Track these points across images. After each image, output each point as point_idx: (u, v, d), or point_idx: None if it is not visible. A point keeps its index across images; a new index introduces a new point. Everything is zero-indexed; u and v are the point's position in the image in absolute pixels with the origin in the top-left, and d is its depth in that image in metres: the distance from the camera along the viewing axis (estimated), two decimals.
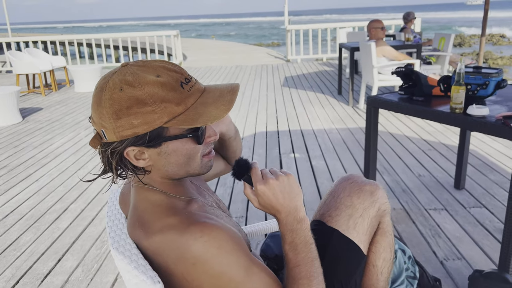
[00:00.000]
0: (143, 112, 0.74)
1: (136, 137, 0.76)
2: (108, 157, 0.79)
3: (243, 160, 0.85)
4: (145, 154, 0.80)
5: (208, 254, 0.73)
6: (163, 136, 0.78)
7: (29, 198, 2.98)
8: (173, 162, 0.81)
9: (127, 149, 0.78)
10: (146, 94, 0.74)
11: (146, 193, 0.85)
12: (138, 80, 0.75)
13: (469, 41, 19.11)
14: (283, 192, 0.81)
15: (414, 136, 3.98)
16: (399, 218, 2.46)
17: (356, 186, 1.07)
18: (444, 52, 5.54)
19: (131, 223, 0.84)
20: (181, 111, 0.76)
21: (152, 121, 0.75)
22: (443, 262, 2.02)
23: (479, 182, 2.88)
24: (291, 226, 0.82)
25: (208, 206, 0.89)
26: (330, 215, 1.05)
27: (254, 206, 0.84)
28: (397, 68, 2.24)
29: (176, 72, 0.79)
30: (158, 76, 0.76)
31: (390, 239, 1.08)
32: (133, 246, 0.78)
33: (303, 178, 3.11)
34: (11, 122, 5.21)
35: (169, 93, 0.75)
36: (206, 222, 0.77)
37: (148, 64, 0.79)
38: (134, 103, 0.74)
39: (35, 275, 2.06)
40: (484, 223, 2.36)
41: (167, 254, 0.76)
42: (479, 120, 1.74)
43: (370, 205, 1.04)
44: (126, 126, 0.75)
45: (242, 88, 6.98)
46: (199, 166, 0.85)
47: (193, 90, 0.79)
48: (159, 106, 0.74)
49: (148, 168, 0.83)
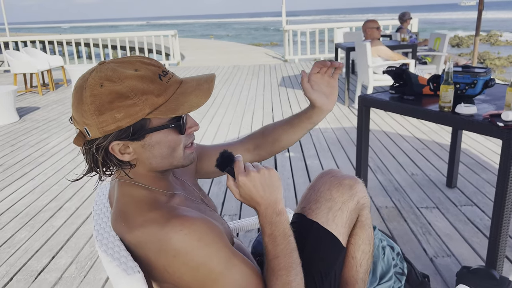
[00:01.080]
0: (125, 105, 0.76)
1: (120, 130, 0.78)
2: (93, 154, 0.80)
3: (228, 152, 0.87)
4: (129, 148, 0.82)
5: (188, 246, 0.75)
6: (146, 128, 0.80)
7: (24, 196, 2.99)
8: (157, 154, 0.84)
9: (112, 144, 0.79)
10: (126, 87, 0.76)
11: (129, 187, 0.87)
12: (117, 75, 0.77)
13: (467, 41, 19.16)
14: (263, 184, 0.83)
15: (408, 135, 4.01)
16: (391, 216, 2.48)
17: (336, 180, 1.09)
18: (439, 52, 5.57)
19: (114, 217, 0.86)
20: (162, 101, 0.78)
21: (135, 114, 0.77)
22: (432, 259, 2.04)
23: (471, 181, 2.91)
24: (270, 218, 0.84)
25: (191, 201, 0.91)
26: (310, 208, 1.08)
27: (235, 197, 0.86)
28: (388, 67, 2.26)
29: (154, 66, 0.81)
30: (136, 70, 0.78)
31: (369, 232, 1.10)
32: (116, 239, 0.80)
33: (297, 177, 3.13)
34: (8, 121, 5.23)
35: (149, 85, 0.78)
36: (187, 215, 0.79)
37: (125, 60, 0.81)
38: (116, 98, 0.76)
39: (29, 272, 2.08)
40: (474, 221, 2.39)
41: (148, 247, 0.78)
42: (467, 118, 1.77)
43: (349, 198, 1.07)
44: (109, 121, 0.77)
45: (239, 88, 7.01)
46: (182, 157, 0.87)
47: (171, 81, 0.81)
48: (140, 99, 0.77)
49: (133, 161, 0.85)
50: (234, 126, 4.65)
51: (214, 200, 2.80)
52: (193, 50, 14.59)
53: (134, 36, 10.35)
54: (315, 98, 1.07)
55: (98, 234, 0.82)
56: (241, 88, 6.93)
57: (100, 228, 0.85)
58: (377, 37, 4.97)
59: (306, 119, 1.12)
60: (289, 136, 1.14)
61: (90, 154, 0.81)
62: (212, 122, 4.86)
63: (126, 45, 10.13)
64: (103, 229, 0.84)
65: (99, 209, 0.93)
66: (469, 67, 1.99)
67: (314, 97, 1.07)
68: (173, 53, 10.37)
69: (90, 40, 10.41)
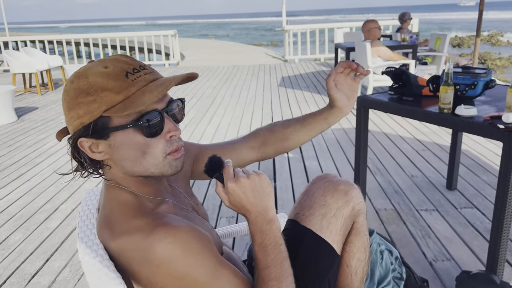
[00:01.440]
0: (86, 102, 0.77)
1: (84, 127, 0.78)
2: (70, 149, 0.82)
3: (217, 157, 0.84)
4: (99, 147, 0.81)
5: (172, 255, 0.72)
6: (107, 127, 0.78)
7: (20, 198, 2.97)
8: (125, 157, 0.81)
9: (79, 140, 0.80)
10: (88, 84, 0.77)
11: (115, 191, 0.84)
12: (86, 72, 0.78)
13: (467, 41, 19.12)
14: (254, 191, 0.80)
15: (408, 136, 3.98)
16: (390, 219, 2.45)
17: (331, 185, 1.06)
18: (440, 53, 5.54)
19: (99, 223, 0.83)
20: (120, 99, 0.76)
21: (94, 110, 0.77)
22: (432, 262, 2.01)
23: (471, 183, 2.88)
24: (260, 226, 0.81)
25: (180, 208, 0.88)
26: (303, 214, 1.04)
27: (225, 205, 0.83)
28: (387, 68, 2.23)
29: (125, 63, 0.80)
30: (105, 67, 0.78)
31: (365, 239, 1.07)
32: (100, 247, 0.77)
33: (296, 179, 3.10)
34: (6, 122, 5.20)
35: (110, 82, 0.77)
36: (171, 223, 0.76)
37: (105, 58, 0.82)
38: (79, 94, 0.77)
39: (23, 275, 2.05)
40: (474, 224, 2.35)
41: (132, 256, 0.75)
42: (467, 120, 1.73)
43: (344, 204, 1.03)
44: (74, 117, 0.78)
45: (238, 88, 6.98)
46: (160, 163, 0.82)
47: (138, 79, 0.78)
48: (99, 95, 0.76)
49: (106, 162, 0.84)
50: (233, 127, 4.62)
51: (211, 202, 2.77)
52: (193, 50, 14.56)
53: (133, 36, 10.32)
54: (338, 98, 1.04)
55: (82, 242, 0.79)
56: (241, 89, 6.90)
57: (84, 236, 0.81)
58: (377, 37, 4.94)
59: (322, 120, 1.08)
60: (300, 136, 1.10)
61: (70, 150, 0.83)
62: (211, 122, 4.83)
63: (126, 45, 10.10)
64: (87, 236, 0.81)
65: (85, 215, 0.89)
66: (469, 68, 1.96)
67: (338, 96, 1.04)
68: (173, 53, 10.34)
69: (90, 40, 10.40)
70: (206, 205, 2.67)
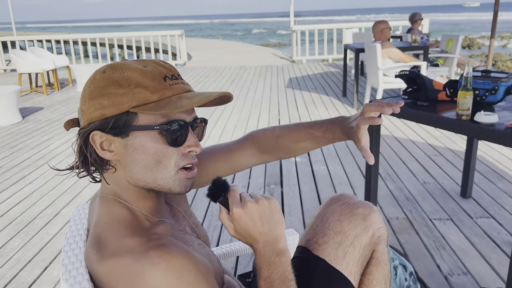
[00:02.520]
0: (115, 93, 0.72)
1: (104, 119, 0.72)
2: (77, 141, 0.76)
3: (221, 180, 0.76)
4: (112, 145, 0.74)
5: (165, 283, 0.64)
6: (130, 124, 0.72)
7: (21, 201, 2.90)
8: (139, 161, 0.74)
9: (93, 133, 0.73)
10: (123, 76, 0.73)
11: (110, 204, 0.76)
12: (122, 66, 0.74)
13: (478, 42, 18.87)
14: (262, 218, 0.71)
15: (420, 141, 3.86)
16: (401, 228, 2.35)
17: (347, 209, 0.95)
18: (452, 54, 5.40)
19: (88, 243, 0.75)
20: (154, 99, 0.72)
21: (121, 104, 0.71)
22: (447, 277, 1.91)
23: (487, 191, 2.76)
24: (268, 258, 0.71)
25: (178, 230, 0.79)
26: (316, 242, 0.93)
27: (229, 233, 0.74)
28: (401, 71, 2.13)
29: (164, 67, 0.76)
30: (144, 66, 0.75)
31: (385, 270, 0.96)
32: (85, 278, 0.68)
33: (303, 184, 3.01)
34: (10, 122, 5.16)
35: (147, 80, 0.73)
36: (167, 247, 0.67)
37: (144, 59, 0.79)
38: (109, 84, 0.72)
39: (20, 284, 1.98)
40: (491, 234, 2.24)
41: (120, 281, 0.67)
42: (487, 128, 1.63)
43: (362, 231, 0.93)
44: (96, 107, 0.73)
45: (245, 89, 6.89)
46: (171, 178, 0.75)
47: (175, 86, 0.75)
48: (132, 90, 0.72)
49: (113, 163, 0.76)
50: (239, 129, 4.53)
51: (216, 210, 2.68)
52: (200, 50, 14.50)
53: (140, 35, 10.28)
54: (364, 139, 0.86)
55: (66, 271, 0.70)
56: (247, 90, 6.81)
57: (69, 263, 0.73)
58: (387, 38, 4.83)
59: (329, 141, 0.95)
60: (305, 150, 1.00)
61: (76, 143, 0.76)
62: (217, 124, 4.74)
63: (133, 45, 10.05)
64: (71, 264, 0.72)
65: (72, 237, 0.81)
66: (489, 72, 1.85)
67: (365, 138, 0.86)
68: (179, 53, 10.28)
69: (97, 39, 10.37)
70: (207, 222, 2.56)
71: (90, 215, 0.88)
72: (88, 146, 0.75)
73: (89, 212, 0.89)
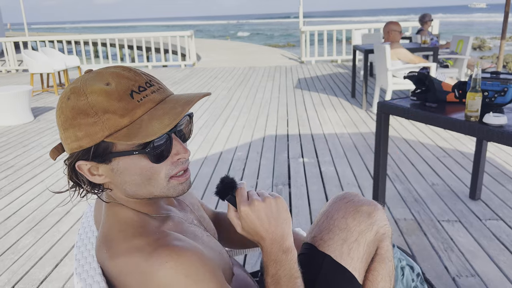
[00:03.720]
0: (86, 123, 0.69)
1: (83, 150, 0.71)
2: (67, 171, 0.75)
3: (229, 178, 0.77)
4: (99, 170, 0.73)
5: (174, 282, 0.66)
6: (110, 152, 0.71)
7: (33, 199, 2.95)
8: (128, 181, 0.73)
9: (78, 163, 0.72)
10: (88, 104, 0.69)
11: (116, 208, 0.78)
12: (84, 89, 0.70)
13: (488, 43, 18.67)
14: (269, 216, 0.73)
15: (429, 142, 3.84)
16: (409, 230, 2.35)
17: (352, 206, 0.97)
18: (461, 55, 5.37)
19: (98, 243, 0.77)
20: (125, 123, 0.68)
21: (94, 134, 0.69)
22: (455, 278, 1.90)
23: (496, 193, 2.74)
24: (275, 256, 0.73)
25: (187, 224, 0.81)
26: (322, 238, 0.95)
27: (237, 231, 0.75)
28: (409, 72, 2.13)
29: (129, 80, 0.71)
30: (107, 84, 0.70)
31: (390, 266, 0.97)
32: (97, 272, 0.70)
33: (311, 184, 3.01)
34: (23, 121, 5.23)
35: (114, 103, 0.68)
36: (176, 245, 0.69)
37: (104, 71, 0.73)
38: (77, 114, 0.69)
39: (31, 280, 2.02)
40: (500, 237, 2.23)
41: (129, 279, 0.68)
42: (496, 129, 1.63)
43: (367, 228, 0.94)
44: (72, 138, 0.71)
45: (253, 90, 6.91)
46: (164, 188, 0.75)
47: (145, 100, 0.70)
48: (101, 118, 0.68)
49: (106, 185, 0.76)
50: (247, 130, 4.55)
51: (224, 209, 2.70)
52: (209, 51, 14.55)
53: (150, 36, 10.35)
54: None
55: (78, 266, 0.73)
56: (256, 91, 6.83)
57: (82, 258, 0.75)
58: (397, 40, 4.82)
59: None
60: None
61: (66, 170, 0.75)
62: (226, 125, 4.76)
63: (143, 46, 10.14)
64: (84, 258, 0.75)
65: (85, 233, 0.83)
66: (498, 73, 1.84)
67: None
68: (189, 53, 10.33)
69: (107, 40, 10.45)
70: None
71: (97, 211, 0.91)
72: (78, 174, 0.75)
73: (95, 212, 0.92)
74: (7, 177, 3.39)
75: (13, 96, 5.08)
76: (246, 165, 3.46)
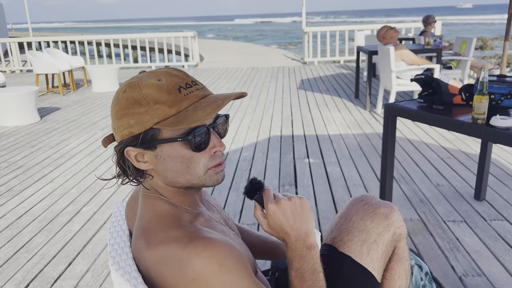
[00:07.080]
0: (138, 112, 0.78)
1: (133, 137, 0.79)
2: (115, 157, 0.84)
3: (257, 180, 0.84)
4: (145, 157, 0.82)
5: (209, 270, 0.70)
6: (156, 138, 0.79)
7: (43, 199, 2.99)
8: (170, 168, 0.81)
9: (126, 149, 0.81)
10: (142, 95, 0.78)
11: (153, 201, 0.84)
12: (139, 83, 0.79)
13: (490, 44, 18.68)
14: (294, 214, 0.78)
15: (433, 143, 3.88)
16: (416, 230, 2.38)
17: (370, 208, 1.01)
18: (465, 57, 5.40)
19: (135, 236, 0.83)
20: (173, 113, 0.77)
21: (145, 121, 0.77)
22: (461, 277, 1.94)
23: (501, 193, 2.78)
24: (299, 251, 0.78)
25: (215, 222, 0.86)
26: (341, 239, 0.99)
27: (263, 229, 0.80)
28: (416, 75, 2.17)
29: (178, 77, 0.81)
30: (159, 80, 0.79)
31: (406, 265, 1.02)
32: (134, 269, 0.74)
33: (317, 185, 3.05)
34: (29, 122, 5.28)
35: (164, 95, 0.77)
36: (210, 237, 0.74)
37: (157, 70, 0.83)
38: (131, 104, 0.78)
39: (45, 278, 2.06)
40: (505, 237, 2.27)
41: (166, 267, 0.73)
42: (503, 132, 1.66)
43: (384, 229, 0.98)
44: (125, 126, 0.79)
45: (257, 90, 6.95)
46: (202, 177, 0.82)
47: (191, 95, 0.79)
48: (151, 107, 0.77)
49: (149, 172, 0.84)
50: (252, 130, 4.59)
51: (232, 208, 2.75)
52: (213, 52, 14.60)
53: (153, 37, 10.40)
54: None
55: (114, 262, 0.77)
56: (260, 91, 6.87)
57: (116, 255, 0.79)
58: (396, 38, 4.86)
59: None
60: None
61: (115, 157, 0.85)
62: (231, 126, 4.80)
63: (146, 46, 10.19)
64: (119, 256, 0.79)
65: (116, 232, 0.87)
66: (505, 77, 1.88)
67: None
68: (192, 54, 10.38)
69: (111, 40, 10.53)
70: (226, 211, 2.65)
71: (128, 212, 0.95)
72: (125, 160, 0.83)
73: (127, 211, 0.96)
74: (17, 176, 3.44)
75: (20, 97, 5.13)
76: (252, 166, 3.50)
